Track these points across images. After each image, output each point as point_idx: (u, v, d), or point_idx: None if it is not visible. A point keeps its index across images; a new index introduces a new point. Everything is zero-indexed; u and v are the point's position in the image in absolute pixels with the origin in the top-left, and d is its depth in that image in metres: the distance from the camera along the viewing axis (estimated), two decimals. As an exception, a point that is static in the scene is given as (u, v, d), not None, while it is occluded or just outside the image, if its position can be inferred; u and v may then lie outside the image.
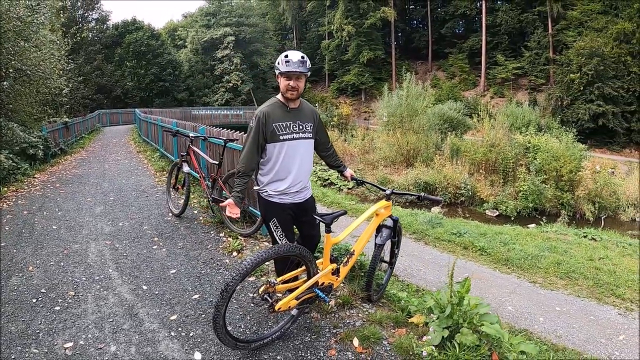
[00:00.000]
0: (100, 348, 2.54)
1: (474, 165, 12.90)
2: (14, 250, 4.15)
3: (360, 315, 2.85)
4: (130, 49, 33.00)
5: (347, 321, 2.75)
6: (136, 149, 13.15)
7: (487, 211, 11.51)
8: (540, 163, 11.92)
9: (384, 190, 2.86)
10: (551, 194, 11.42)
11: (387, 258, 3.33)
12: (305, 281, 2.46)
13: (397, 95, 15.54)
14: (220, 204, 2.49)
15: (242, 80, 35.22)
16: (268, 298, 2.29)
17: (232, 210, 2.37)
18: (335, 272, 2.63)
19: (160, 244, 4.40)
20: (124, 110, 28.27)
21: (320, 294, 2.45)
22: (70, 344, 2.57)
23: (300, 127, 2.49)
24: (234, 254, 4.07)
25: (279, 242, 2.56)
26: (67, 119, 14.31)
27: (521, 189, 11.44)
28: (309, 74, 2.41)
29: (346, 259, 2.76)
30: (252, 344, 2.39)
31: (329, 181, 14.82)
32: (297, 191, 2.55)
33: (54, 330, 2.72)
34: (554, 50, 30.84)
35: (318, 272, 2.48)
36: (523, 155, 12.66)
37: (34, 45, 8.58)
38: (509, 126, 14.37)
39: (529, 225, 9.77)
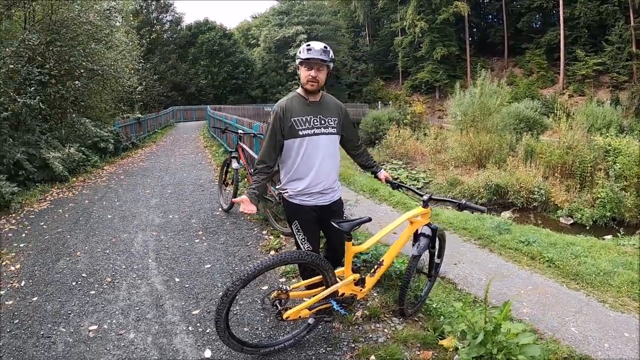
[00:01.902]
0: (121, 334, 2.73)
1: (549, 169, 12.33)
2: (68, 236, 4.70)
3: (386, 330, 2.68)
4: (204, 48, 35.77)
5: (370, 336, 2.60)
6: (204, 144, 14.16)
7: (560, 218, 10.85)
8: (620, 168, 11.04)
9: (421, 196, 2.65)
10: (631, 202, 10.49)
11: (427, 269, 3.11)
12: (322, 290, 2.37)
13: (470, 93, 14.96)
14: (234, 200, 2.49)
15: (314, 78, 36.21)
16: (278, 305, 2.25)
17: (247, 207, 2.29)
18: (360, 282, 2.51)
19: (203, 238, 4.63)
20: (198, 107, 30.69)
21: (336, 305, 2.34)
22: (94, 327, 2.81)
23: (322, 122, 2.39)
24: (272, 252, 4.13)
25: (302, 246, 2.49)
26: (139, 115, 15.93)
27: (598, 195, 10.68)
28: (331, 65, 2.33)
29: (374, 269, 2.61)
30: (261, 349, 2.38)
31: (398, 180, 14.63)
32: (319, 192, 2.44)
33: (83, 313, 3.00)
34: (638, 45, 28.40)
35: (337, 282, 2.37)
36: (603, 159, 11.81)
37: (108, 47, 9.70)
38: (589, 127, 13.54)
39: (605, 237, 9.05)
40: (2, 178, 5.82)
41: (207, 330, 2.74)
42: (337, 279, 2.39)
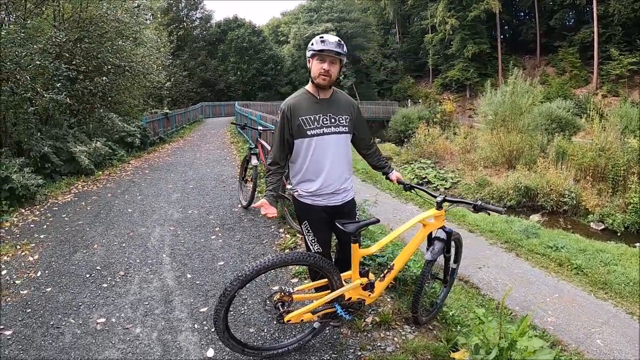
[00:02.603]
0: (127, 328, 2.76)
1: (581, 171, 12.06)
2: (87, 229, 4.84)
3: (396, 339, 2.56)
4: (233, 45, 36.40)
5: (378, 344, 2.50)
6: (230, 140, 14.37)
7: (591, 223, 10.59)
8: (654, 172, 10.66)
9: (435, 197, 2.53)
10: (666, 209, 10.14)
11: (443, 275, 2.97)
12: (327, 294, 2.29)
13: (501, 91, 14.63)
14: (254, 205, 2.40)
15: (345, 75, 36.42)
16: (280, 307, 2.19)
17: (268, 210, 2.22)
18: (369, 287, 2.41)
19: (220, 234, 4.65)
20: (227, 103, 31.31)
21: (340, 310, 2.25)
22: (103, 320, 2.86)
23: (333, 120, 2.28)
24: (286, 251, 4.09)
25: (311, 247, 2.43)
26: (167, 110, 16.37)
27: (631, 201, 10.38)
28: (344, 60, 2.23)
29: (384, 273, 2.51)
30: (263, 351, 2.33)
31: (426, 179, 14.95)
32: (331, 193, 2.36)
33: (94, 305, 3.06)
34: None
35: (342, 286, 2.28)
36: (636, 162, 11.39)
37: (136, 43, 9.99)
38: (622, 128, 13.02)
39: (637, 244, 8.88)
40: (28, 171, 6.09)
41: (212, 329, 2.71)
42: (343, 283, 2.31)
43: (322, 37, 2.16)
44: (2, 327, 2.79)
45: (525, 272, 6.49)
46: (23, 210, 5.59)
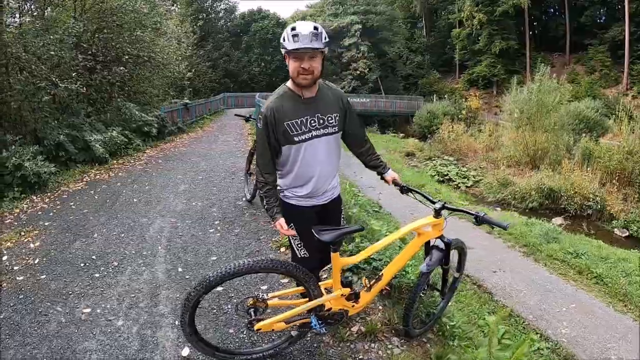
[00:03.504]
0: (110, 320, 2.78)
1: (607, 175, 11.58)
2: (91, 218, 4.93)
3: (380, 352, 2.45)
4: (257, 36, 36.55)
5: (361, 357, 2.40)
6: (248, 132, 14.41)
7: (615, 230, 10.14)
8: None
9: (433, 203, 2.33)
10: (695, 218, 9.66)
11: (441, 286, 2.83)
12: (304, 302, 2.19)
13: (527, 89, 14.17)
14: (273, 226, 2.18)
15: (370, 68, 36.11)
16: (252, 314, 2.10)
17: (288, 231, 2.13)
18: (352, 297, 2.29)
19: (218, 228, 4.64)
20: (250, 94, 31.41)
21: (315, 322, 2.14)
22: (88, 310, 2.89)
23: (321, 122, 2.09)
24: (282, 249, 4.03)
25: (297, 253, 2.30)
26: (187, 101, 16.57)
27: None
28: (326, 50, 1.97)
29: (370, 283, 2.38)
30: (236, 355, 2.27)
31: (447, 177, 14.67)
32: (322, 193, 2.25)
33: (83, 295, 3.09)
34: None
35: (321, 295, 2.17)
36: None
37: (157, 34, 10.11)
38: None
39: None
40: (42, 158, 6.27)
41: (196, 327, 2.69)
42: (323, 292, 2.20)
43: (295, 31, 1.88)
44: (-8, 312, 2.86)
45: (542, 278, 6.27)
46: (34, 197, 5.75)
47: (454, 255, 2.88)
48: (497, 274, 6.66)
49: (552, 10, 39.09)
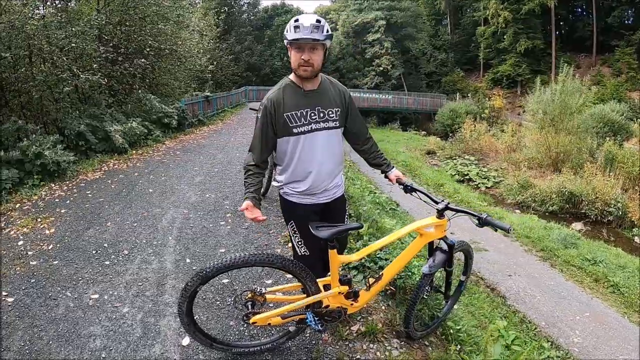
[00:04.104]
0: (116, 307, 2.85)
1: (630, 180, 11.30)
2: (106, 206, 5.06)
3: (378, 354, 2.42)
4: (280, 30, 36.60)
5: (357, 357, 2.37)
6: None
7: (635, 237, 9.82)
8: None
9: (436, 203, 2.28)
10: None
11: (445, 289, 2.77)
12: (302, 299, 2.19)
13: (550, 89, 13.78)
14: (240, 209, 2.13)
15: (393, 65, 35.80)
16: (249, 307, 2.12)
17: (254, 214, 2.02)
18: (351, 295, 2.28)
19: (229, 220, 4.69)
20: (271, 88, 31.64)
21: (311, 319, 2.14)
22: (96, 296, 2.97)
23: (322, 115, 2.09)
24: (289, 244, 4.04)
25: (298, 250, 2.31)
26: (208, 93, 16.78)
27: None
28: (328, 43, 1.96)
29: (370, 283, 2.36)
30: (233, 348, 2.30)
31: (468, 177, 14.53)
32: (322, 190, 2.23)
33: (92, 281, 3.18)
34: None
35: (319, 292, 2.17)
36: None
37: (179, 27, 10.24)
38: None
39: None
40: (61, 147, 6.47)
41: (195, 317, 2.71)
42: (321, 288, 2.19)
43: (297, 21, 1.90)
44: (6, 294, 2.98)
45: (557, 284, 6.17)
46: (53, 185, 5.95)
47: (460, 257, 2.83)
48: (512, 278, 6.54)
49: (579, 9, 38.10)
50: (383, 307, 2.94)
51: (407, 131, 26.75)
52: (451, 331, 2.99)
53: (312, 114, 2.08)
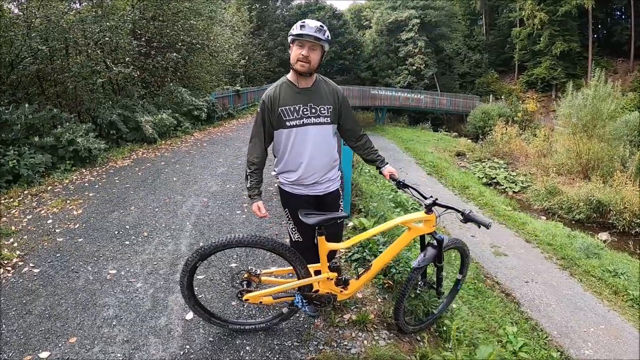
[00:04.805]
0: (130, 282, 3.11)
1: None
2: (131, 192, 5.39)
3: (365, 342, 2.53)
4: (313, 27, 36.84)
5: (345, 343, 2.49)
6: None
7: None
8: None
9: (425, 199, 2.37)
10: None
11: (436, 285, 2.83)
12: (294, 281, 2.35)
13: (582, 94, 13.21)
14: (252, 209, 2.41)
15: (426, 64, 35.37)
16: (245, 286, 2.31)
17: (262, 212, 2.35)
18: (342, 283, 2.41)
19: (245, 210, 4.90)
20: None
21: (298, 300, 2.30)
22: (114, 271, 3.24)
23: (313, 111, 2.26)
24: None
25: (292, 236, 2.51)
26: (239, 88, 17.21)
27: None
28: (326, 47, 2.18)
29: (359, 273, 2.49)
30: (230, 324, 2.48)
31: (495, 180, 14.30)
32: (313, 183, 2.39)
33: (112, 258, 3.47)
34: None
35: (310, 276, 2.32)
36: None
37: (212, 22, 10.59)
38: None
39: None
40: (93, 136, 6.91)
41: (200, 296, 2.94)
42: (311, 273, 2.34)
43: (303, 22, 2.11)
44: (33, 265, 3.31)
45: (574, 294, 6.04)
46: (83, 170, 6.38)
47: (456, 256, 2.88)
48: (529, 285, 6.43)
49: (617, 13, 36.24)
50: (379, 300, 3.04)
51: (438, 132, 26.32)
52: (444, 328, 3.05)
53: (305, 110, 2.25)
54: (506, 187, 13.59)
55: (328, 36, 2.14)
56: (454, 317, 3.52)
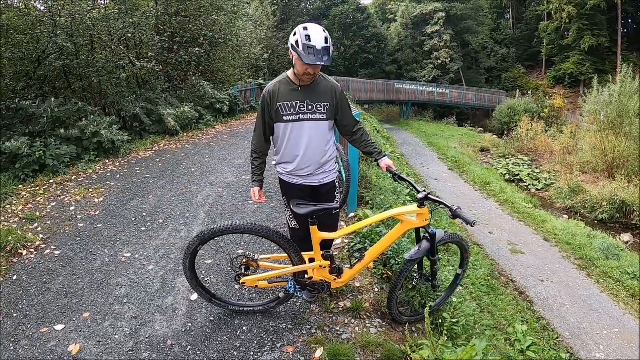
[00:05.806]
0: (143, 264, 3.32)
1: None
2: (151, 182, 5.66)
3: (357, 329, 2.62)
4: (336, 21, 36.62)
5: (337, 328, 2.60)
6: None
7: None
8: None
9: (418, 193, 2.40)
10: None
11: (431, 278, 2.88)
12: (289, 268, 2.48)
13: (608, 90, 12.62)
14: (252, 194, 2.62)
15: (452, 59, 34.67)
16: (243, 269, 2.46)
17: (260, 199, 2.53)
18: (336, 272, 2.52)
19: (258, 200, 5.06)
20: (328, 77, 32.00)
21: (291, 285, 2.42)
22: (128, 255, 3.47)
23: (310, 107, 2.36)
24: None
25: (289, 223, 2.64)
26: (261, 81, 17.45)
27: None
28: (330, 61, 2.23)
29: (353, 262, 2.58)
30: (230, 305, 2.64)
31: (518, 177, 14.00)
32: (308, 174, 2.50)
33: (127, 242, 3.70)
34: None
35: (303, 263, 2.44)
36: None
37: (235, 17, 10.77)
38: None
39: None
40: (117, 128, 7.23)
41: (207, 279, 3.12)
42: (305, 260, 2.45)
43: (310, 41, 2.09)
44: (54, 247, 3.58)
45: (590, 295, 5.89)
46: (107, 161, 6.72)
47: (457, 251, 2.91)
48: (544, 284, 6.32)
49: None
50: (376, 289, 3.13)
51: (463, 127, 25.80)
52: (441, 321, 3.08)
53: (302, 106, 2.36)
54: (529, 184, 13.24)
55: (332, 50, 2.22)
56: (456, 311, 3.54)
